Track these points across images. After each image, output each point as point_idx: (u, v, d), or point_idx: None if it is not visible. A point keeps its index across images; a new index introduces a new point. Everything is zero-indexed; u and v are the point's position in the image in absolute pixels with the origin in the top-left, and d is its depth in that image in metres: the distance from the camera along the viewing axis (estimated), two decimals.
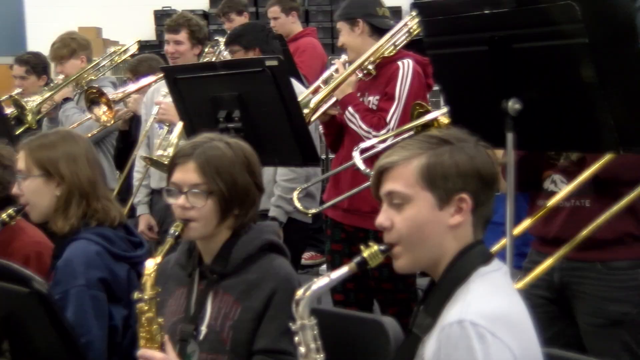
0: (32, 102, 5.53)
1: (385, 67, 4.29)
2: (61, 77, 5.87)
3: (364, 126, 4.16)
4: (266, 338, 2.65)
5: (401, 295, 4.29)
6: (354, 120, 4.18)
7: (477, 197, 2.18)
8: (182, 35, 5.23)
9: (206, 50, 5.43)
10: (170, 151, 4.49)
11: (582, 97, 2.67)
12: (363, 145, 3.86)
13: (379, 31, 4.36)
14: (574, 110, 2.73)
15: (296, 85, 4.32)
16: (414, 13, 4.08)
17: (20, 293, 1.91)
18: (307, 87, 5.34)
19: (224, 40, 5.25)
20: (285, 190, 4.66)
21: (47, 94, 5.70)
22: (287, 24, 7.33)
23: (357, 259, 2.23)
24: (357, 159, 3.73)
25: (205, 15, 10.63)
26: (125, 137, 5.58)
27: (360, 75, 4.28)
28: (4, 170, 3.47)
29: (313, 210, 4.49)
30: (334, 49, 10.23)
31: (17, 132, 5.44)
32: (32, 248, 3.40)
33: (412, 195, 2.18)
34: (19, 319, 1.99)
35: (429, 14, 3.10)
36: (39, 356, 2.01)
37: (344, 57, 4.34)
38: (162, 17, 11.16)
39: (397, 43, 4.29)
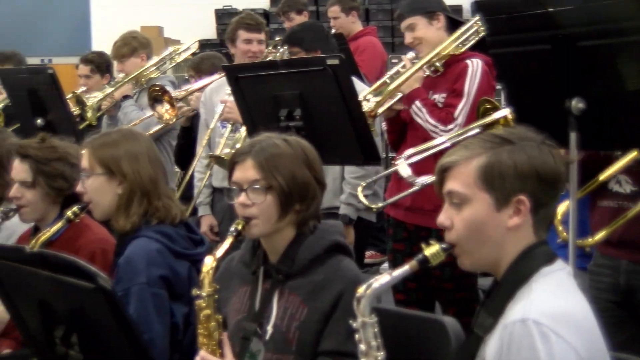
0: (92, 98, 5.59)
1: (453, 65, 4.24)
2: (121, 75, 5.93)
3: (431, 120, 4.10)
4: (332, 339, 2.64)
5: (462, 294, 4.25)
6: (420, 114, 4.13)
7: (537, 198, 2.16)
8: (263, 35, 5.28)
9: (268, 49, 5.46)
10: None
11: None
12: (408, 151, 3.84)
13: (453, 27, 4.32)
14: (638, 109, 2.69)
15: (357, 83, 4.32)
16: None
17: (86, 289, 1.94)
18: (368, 86, 5.34)
19: (283, 40, 5.26)
20: (355, 187, 4.62)
21: (107, 91, 5.75)
22: (347, 23, 7.32)
23: (418, 257, 2.22)
24: (402, 166, 3.74)
25: (265, 14, 10.69)
26: (187, 133, 5.62)
27: (427, 72, 4.25)
28: (71, 168, 3.52)
29: (379, 205, 4.44)
30: (393, 48, 10.21)
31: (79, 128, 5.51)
32: (98, 245, 3.45)
33: (471, 196, 2.17)
34: (85, 314, 2.02)
35: (491, 13, 3.07)
36: (105, 350, 2.04)
37: (411, 54, 4.29)
38: (222, 16, 11.25)
39: (464, 42, 4.25)
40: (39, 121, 5.06)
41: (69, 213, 3.25)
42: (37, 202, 3.55)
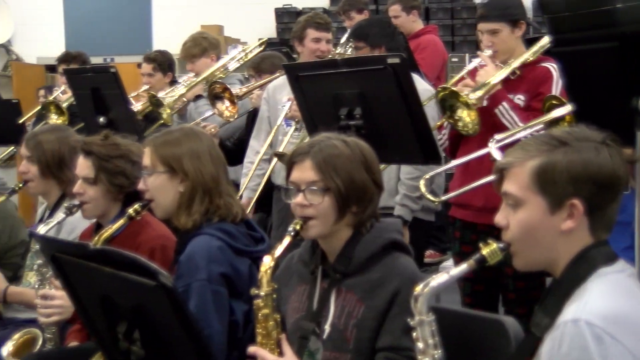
0: (168, 98, 5.63)
1: (529, 68, 4.19)
2: (191, 74, 5.96)
3: (520, 123, 4.04)
4: (389, 336, 2.63)
5: (533, 294, 4.19)
6: (507, 115, 4.05)
7: (592, 201, 2.13)
8: (331, 34, 5.29)
9: (337, 50, 5.46)
10: None
11: None
12: (498, 136, 3.80)
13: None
14: None
15: (419, 81, 4.29)
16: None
17: (147, 286, 1.95)
18: (428, 85, 5.30)
19: (348, 34, 5.25)
20: (411, 188, 4.61)
21: (181, 91, 5.79)
22: (408, 22, 7.28)
23: (476, 256, 2.23)
24: (494, 149, 3.70)
25: (325, 12, 10.68)
26: (248, 132, 5.64)
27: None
28: (133, 166, 3.56)
29: (443, 198, 4.39)
30: (454, 47, 10.15)
31: (152, 129, 5.57)
32: (158, 241, 3.48)
33: (524, 198, 2.16)
34: (147, 311, 2.04)
35: (555, 11, 3.03)
36: (165, 346, 2.05)
37: (488, 52, 4.24)
38: (282, 14, 11.27)
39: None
40: (101, 119, 5.12)
41: (130, 211, 3.28)
42: (99, 198, 3.59)
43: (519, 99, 4.18)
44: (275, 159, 4.97)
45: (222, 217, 3.15)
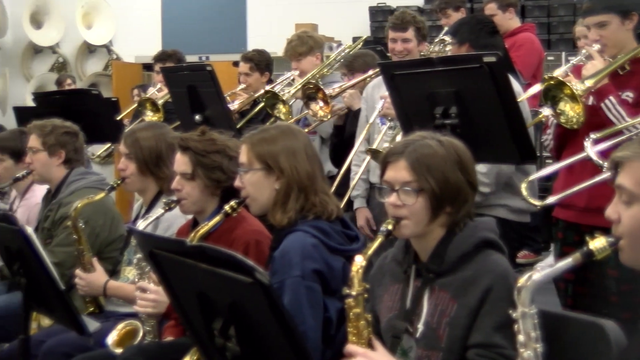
0: (287, 94, 5.66)
1: (637, 64, 4.04)
2: (296, 72, 5.98)
3: (628, 118, 3.92)
4: (481, 333, 2.61)
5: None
6: (614, 111, 3.91)
7: None
8: (410, 33, 5.24)
9: (431, 48, 5.42)
10: None
11: None
12: (594, 135, 3.70)
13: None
14: None
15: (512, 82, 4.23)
16: None
17: (244, 282, 1.97)
18: (522, 83, 5.22)
19: (445, 32, 5.20)
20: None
21: (293, 90, 5.80)
22: (504, 20, 7.19)
23: (582, 250, 2.18)
24: (590, 149, 3.61)
25: (420, 11, 10.62)
26: (340, 132, 5.64)
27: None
28: (230, 161, 3.59)
29: (547, 202, 4.12)
30: (550, 45, 9.97)
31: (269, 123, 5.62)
32: (252, 236, 3.50)
33: (639, 194, 2.11)
34: (242, 307, 2.06)
35: None
36: (261, 342, 2.07)
37: (597, 46, 4.10)
38: (376, 13, 11.22)
39: None
40: (197, 117, 5.19)
41: (226, 207, 3.31)
42: (197, 194, 3.63)
43: (628, 95, 4.00)
44: (368, 157, 4.97)
45: (317, 214, 3.16)
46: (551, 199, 4.08)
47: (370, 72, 5.49)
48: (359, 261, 2.63)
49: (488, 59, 3.46)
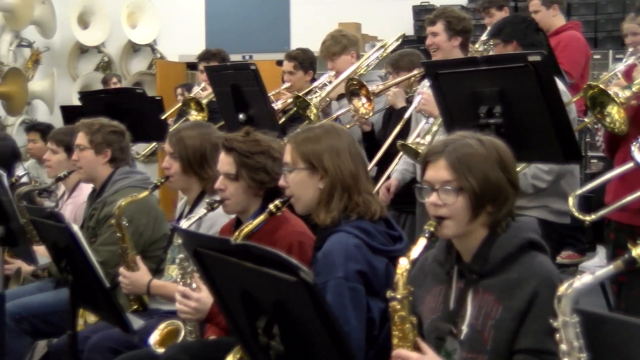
0: (315, 98, 5.66)
1: None
2: (332, 73, 5.98)
3: None
4: (530, 337, 2.58)
5: None
6: None
7: None
8: (438, 27, 5.20)
9: (477, 47, 5.39)
10: (428, 139, 4.49)
11: None
12: None
13: None
14: None
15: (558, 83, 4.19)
16: None
17: (288, 281, 1.97)
18: (566, 83, 5.18)
19: (488, 31, 5.17)
20: (535, 176, 4.40)
21: (327, 90, 5.80)
22: (548, 17, 7.11)
23: (624, 257, 2.15)
24: (636, 154, 3.59)
25: (463, 9, 10.55)
26: (369, 137, 5.63)
27: None
28: (273, 162, 3.60)
29: (597, 215, 4.02)
30: (596, 44, 9.86)
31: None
32: (295, 237, 3.51)
33: None
34: (286, 306, 2.06)
35: None
36: (305, 342, 2.07)
37: None
38: (420, 12, 11.19)
39: None
40: (241, 116, 5.21)
41: (271, 207, 3.31)
42: (240, 194, 3.64)
43: None
44: (400, 154, 4.97)
45: (361, 214, 3.16)
46: (601, 212, 4.03)
47: (415, 72, 5.47)
48: (404, 264, 2.61)
49: (533, 58, 3.43)
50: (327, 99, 5.87)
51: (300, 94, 5.73)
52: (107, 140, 4.83)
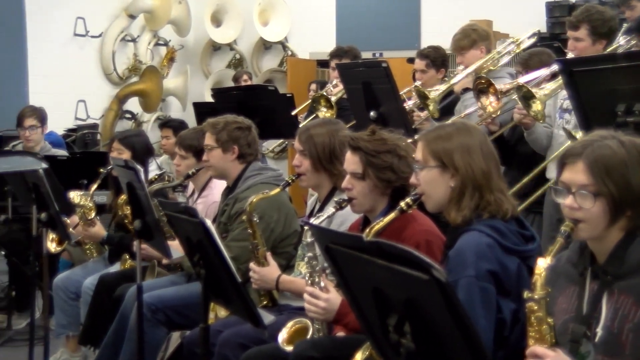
0: (434, 92, 5.63)
1: None
2: (461, 67, 5.93)
3: None
4: None
5: None
6: None
7: None
8: (582, 32, 5.06)
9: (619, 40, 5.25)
10: None
11: None
12: None
13: None
14: None
15: None
16: None
17: (420, 279, 1.96)
18: None
19: (627, 26, 5.02)
20: None
21: (449, 84, 5.77)
22: None
23: None
24: None
25: (601, 3, 10.29)
26: (499, 140, 5.53)
27: None
28: (399, 161, 3.59)
29: None
30: None
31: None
32: (423, 236, 3.50)
33: None
34: (418, 304, 2.05)
35: None
36: (436, 340, 2.05)
37: None
38: (554, 8, 10.96)
39: None
40: (371, 114, 5.22)
41: (402, 204, 3.30)
42: (367, 193, 3.65)
43: None
44: None
45: (492, 213, 3.12)
46: None
47: (542, 74, 5.33)
48: (542, 264, 2.57)
49: None
50: (453, 93, 5.81)
51: (418, 86, 5.70)
52: (232, 137, 4.90)
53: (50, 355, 5.64)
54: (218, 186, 5.33)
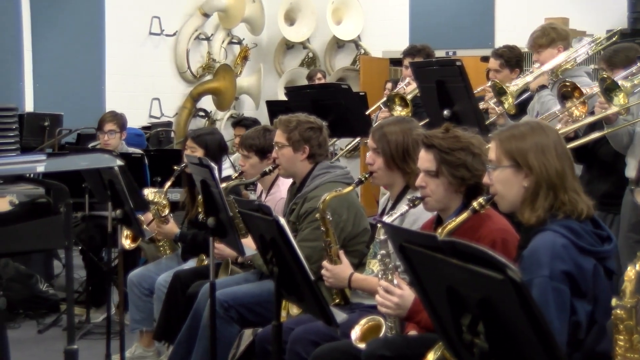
0: (513, 87, 5.58)
1: None
2: (537, 65, 5.85)
3: None
4: None
5: None
6: None
7: None
8: None
9: None
10: None
11: None
12: None
13: None
14: None
15: None
16: None
17: (495, 279, 1.95)
18: None
19: None
20: None
21: (526, 81, 5.70)
22: None
23: None
24: None
25: None
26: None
27: None
28: (473, 158, 3.58)
29: None
30: None
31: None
32: (499, 235, 3.47)
33: None
34: (492, 304, 2.04)
35: None
36: (511, 341, 2.04)
37: None
38: (636, 3, 10.63)
39: None
40: (445, 112, 5.19)
41: (474, 204, 3.29)
42: (441, 191, 3.64)
43: None
44: None
45: (567, 213, 3.09)
46: None
47: (633, 69, 5.23)
48: (631, 271, 2.50)
49: None
50: (529, 90, 5.74)
51: (496, 81, 5.64)
52: (304, 137, 4.88)
53: (125, 349, 5.74)
54: (285, 183, 5.34)
